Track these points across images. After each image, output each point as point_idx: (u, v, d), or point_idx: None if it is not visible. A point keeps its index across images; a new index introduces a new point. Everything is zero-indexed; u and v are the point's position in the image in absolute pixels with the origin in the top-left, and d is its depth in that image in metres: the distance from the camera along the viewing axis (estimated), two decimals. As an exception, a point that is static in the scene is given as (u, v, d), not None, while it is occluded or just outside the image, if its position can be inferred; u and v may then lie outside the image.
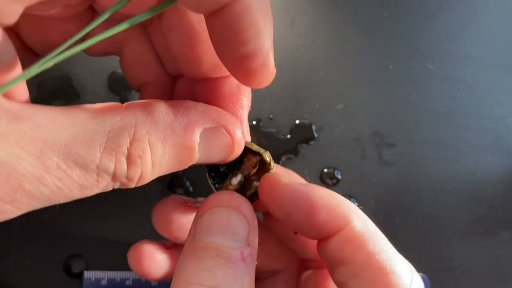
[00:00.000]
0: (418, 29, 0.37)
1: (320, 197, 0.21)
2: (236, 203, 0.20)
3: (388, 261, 0.20)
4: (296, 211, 0.21)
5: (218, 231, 0.19)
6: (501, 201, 0.35)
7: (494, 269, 0.35)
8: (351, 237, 0.20)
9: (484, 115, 0.36)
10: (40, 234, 0.33)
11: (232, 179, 0.24)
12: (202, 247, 0.19)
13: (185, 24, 0.21)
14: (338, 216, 0.21)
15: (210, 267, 0.18)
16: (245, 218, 0.20)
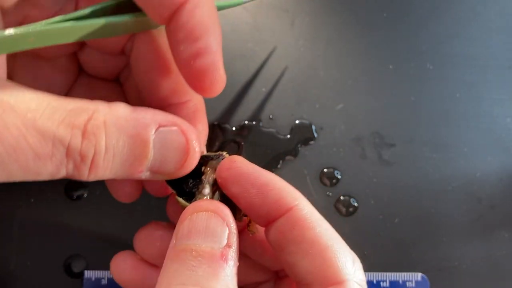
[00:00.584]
0: (418, 29, 0.37)
1: (273, 178, 0.22)
2: (214, 207, 0.21)
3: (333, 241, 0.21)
4: (251, 186, 0.22)
5: (198, 234, 0.20)
6: (501, 201, 0.35)
7: (493, 269, 0.35)
8: (301, 217, 0.21)
9: (484, 115, 0.36)
10: (40, 234, 0.33)
11: (202, 190, 0.24)
12: (183, 249, 0.19)
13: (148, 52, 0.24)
14: (288, 196, 0.22)
15: (192, 267, 0.19)
16: (224, 220, 0.20)
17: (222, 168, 0.23)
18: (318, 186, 0.35)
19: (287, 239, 0.21)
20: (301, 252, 0.21)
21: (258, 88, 0.36)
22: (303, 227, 0.21)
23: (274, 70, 0.36)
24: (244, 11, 0.37)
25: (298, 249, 0.21)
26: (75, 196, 0.34)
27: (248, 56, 0.36)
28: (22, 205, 0.33)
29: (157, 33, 0.24)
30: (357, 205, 0.35)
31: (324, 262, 0.20)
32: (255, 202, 0.22)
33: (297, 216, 0.21)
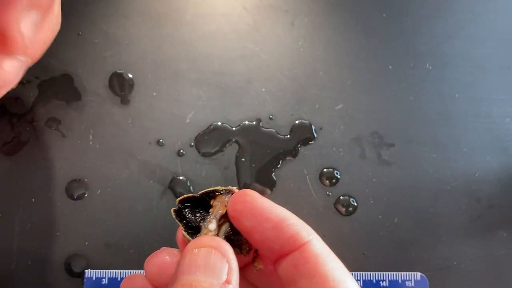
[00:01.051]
0: (417, 29, 0.37)
1: (288, 213, 0.22)
2: (215, 243, 0.21)
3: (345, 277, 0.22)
4: (266, 221, 0.22)
5: (198, 269, 0.20)
6: (500, 201, 0.35)
7: (492, 269, 0.35)
8: (315, 252, 0.22)
9: (482, 115, 0.36)
10: (41, 233, 0.33)
11: (208, 225, 0.24)
12: (183, 284, 0.20)
13: None
14: (303, 231, 0.22)
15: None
16: (224, 257, 0.21)
17: (236, 201, 0.23)
18: (318, 186, 0.35)
19: (299, 273, 0.21)
20: (313, 286, 0.21)
21: (258, 88, 0.36)
22: (317, 262, 0.21)
23: (274, 70, 0.36)
24: (244, 11, 0.37)
25: (310, 283, 0.21)
26: (76, 196, 0.34)
27: (248, 56, 0.36)
28: (23, 205, 0.33)
29: None
30: (357, 205, 0.35)
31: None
32: (270, 236, 0.22)
33: (311, 251, 0.22)
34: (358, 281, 0.33)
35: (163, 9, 0.36)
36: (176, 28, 0.36)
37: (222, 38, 0.36)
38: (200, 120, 0.35)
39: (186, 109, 0.35)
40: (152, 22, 0.36)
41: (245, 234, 0.23)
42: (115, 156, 0.34)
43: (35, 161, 0.34)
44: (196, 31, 0.36)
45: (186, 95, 0.35)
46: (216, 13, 0.36)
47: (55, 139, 0.34)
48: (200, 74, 0.35)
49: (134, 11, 0.36)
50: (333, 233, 0.34)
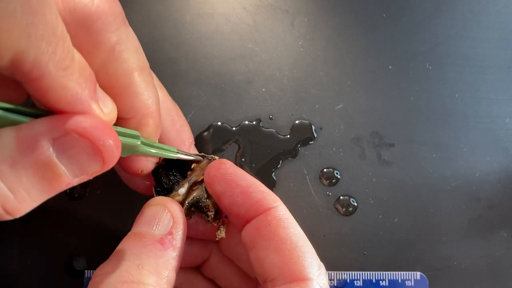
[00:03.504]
0: (417, 29, 0.37)
1: (256, 181, 0.24)
2: (165, 202, 0.24)
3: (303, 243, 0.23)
4: (236, 186, 0.24)
5: (145, 222, 0.23)
6: (500, 201, 0.35)
7: (492, 269, 0.35)
8: (277, 216, 0.23)
9: (482, 115, 0.36)
10: (41, 233, 0.33)
11: (179, 189, 0.27)
12: (129, 235, 0.23)
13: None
14: (269, 197, 0.24)
15: (130, 247, 0.22)
16: (170, 213, 0.24)
17: (212, 168, 0.25)
18: (317, 186, 0.35)
19: (261, 234, 0.23)
20: (271, 247, 0.23)
21: (258, 88, 0.36)
22: (278, 225, 0.23)
23: (274, 70, 0.36)
24: (244, 12, 0.37)
25: (269, 244, 0.23)
26: (76, 195, 0.34)
27: (248, 56, 0.36)
28: (22, 205, 0.33)
29: None
30: (357, 205, 0.35)
31: (291, 259, 0.22)
32: (238, 201, 0.24)
33: (274, 216, 0.23)
34: (357, 280, 0.33)
35: (163, 9, 0.36)
36: (176, 28, 0.36)
37: (222, 38, 0.36)
38: (200, 120, 0.35)
39: (186, 109, 0.35)
40: (152, 22, 0.36)
41: (216, 198, 0.25)
42: (115, 156, 0.34)
43: (35, 161, 0.34)
44: (196, 31, 0.36)
45: (186, 95, 0.35)
46: (216, 13, 0.36)
47: (55, 139, 0.34)
48: (200, 74, 0.35)
49: (134, 11, 0.36)
50: (333, 233, 0.34)
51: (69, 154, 0.18)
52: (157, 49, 0.35)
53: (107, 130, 0.19)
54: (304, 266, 0.22)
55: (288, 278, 0.22)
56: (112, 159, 0.19)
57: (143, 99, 0.23)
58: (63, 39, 0.17)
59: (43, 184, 0.18)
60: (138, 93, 0.23)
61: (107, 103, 0.21)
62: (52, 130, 0.18)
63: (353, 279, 0.33)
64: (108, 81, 0.21)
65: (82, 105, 0.19)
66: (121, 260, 0.21)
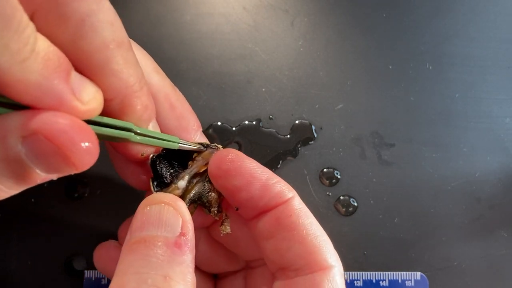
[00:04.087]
0: (417, 29, 0.37)
1: (271, 173, 0.24)
2: (168, 199, 0.21)
3: (321, 231, 0.24)
4: (254, 180, 0.23)
5: (151, 225, 0.20)
6: (500, 201, 0.35)
7: (492, 269, 0.35)
8: (296, 207, 0.23)
9: (483, 115, 0.36)
10: (40, 233, 0.33)
11: (178, 182, 0.24)
12: (136, 241, 0.20)
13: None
14: (286, 188, 0.23)
15: (145, 256, 0.19)
16: (177, 212, 0.21)
17: (222, 160, 0.23)
18: (318, 186, 0.35)
19: (281, 225, 0.23)
20: (294, 238, 0.23)
21: (258, 88, 0.36)
22: (299, 216, 0.23)
23: (274, 70, 0.36)
24: (244, 12, 0.37)
25: (292, 235, 0.23)
26: (76, 195, 0.34)
27: (248, 56, 0.36)
28: (22, 205, 0.33)
29: None
30: (357, 205, 0.35)
31: (315, 249, 0.22)
32: (256, 194, 0.23)
33: (294, 206, 0.23)
34: (357, 280, 0.33)
35: (162, 9, 0.36)
36: (176, 28, 0.36)
37: (222, 38, 0.36)
38: (200, 120, 0.35)
39: (186, 109, 0.35)
40: (151, 22, 0.36)
41: (227, 193, 0.24)
42: (115, 156, 0.34)
43: (35, 161, 0.34)
44: (196, 31, 0.36)
45: (186, 95, 0.35)
46: (216, 13, 0.36)
47: (55, 139, 0.34)
48: (200, 74, 0.35)
49: (134, 11, 0.36)
50: (333, 233, 0.34)
51: (37, 154, 0.17)
52: (157, 49, 0.35)
53: (78, 131, 0.17)
54: (326, 255, 0.22)
55: (314, 267, 0.22)
56: (86, 164, 0.18)
57: (123, 77, 0.20)
58: (21, 30, 0.16)
59: (15, 178, 0.18)
60: (116, 71, 0.20)
61: (88, 89, 0.19)
62: (21, 127, 0.17)
63: (353, 279, 0.33)
64: (82, 59, 0.19)
65: (51, 98, 0.17)
66: (140, 273, 0.18)
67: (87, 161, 0.18)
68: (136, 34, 0.36)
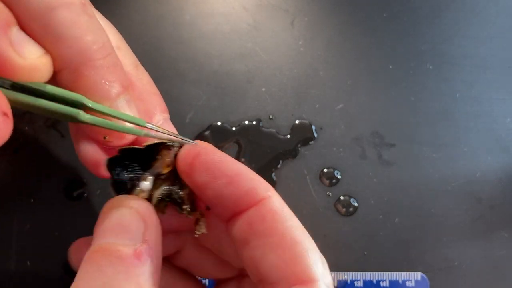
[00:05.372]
0: (417, 29, 0.37)
1: (245, 168, 0.20)
2: (129, 202, 0.19)
3: (304, 238, 0.19)
4: (222, 175, 0.20)
5: (110, 231, 0.18)
6: (501, 201, 0.35)
7: (493, 269, 0.35)
8: (272, 209, 0.20)
9: (483, 115, 0.36)
10: (40, 233, 0.33)
11: (141, 184, 0.21)
12: (95, 251, 0.18)
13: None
14: (261, 186, 0.20)
15: (100, 267, 0.17)
16: (139, 215, 0.19)
17: (187, 154, 0.21)
18: (318, 186, 0.35)
19: (255, 231, 0.20)
20: (269, 246, 0.19)
21: (258, 88, 0.36)
22: (275, 220, 0.20)
23: (274, 70, 0.36)
24: (244, 11, 0.37)
25: (266, 242, 0.19)
26: (75, 195, 0.34)
27: (248, 56, 0.36)
28: (21, 205, 0.33)
29: None
30: (357, 205, 0.35)
31: (293, 258, 0.19)
32: (224, 193, 0.20)
33: (269, 208, 0.20)
34: (358, 281, 0.33)
35: (162, 9, 0.36)
36: (175, 27, 0.36)
37: (221, 37, 0.36)
38: (200, 120, 0.35)
39: (186, 109, 0.35)
40: (151, 22, 0.36)
41: (196, 190, 0.21)
42: (115, 156, 0.34)
43: (34, 161, 0.34)
44: (195, 31, 0.36)
45: (186, 95, 0.35)
46: (215, 13, 0.36)
47: (54, 139, 0.34)
48: (200, 74, 0.35)
49: (133, 10, 0.36)
50: (333, 233, 0.34)
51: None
52: (157, 48, 0.35)
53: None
54: (308, 265, 0.19)
55: (291, 280, 0.19)
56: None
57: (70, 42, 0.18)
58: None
59: None
60: (61, 34, 0.18)
61: (32, 47, 0.17)
62: None
63: (353, 279, 0.33)
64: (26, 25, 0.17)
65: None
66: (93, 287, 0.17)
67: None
68: (136, 34, 0.36)
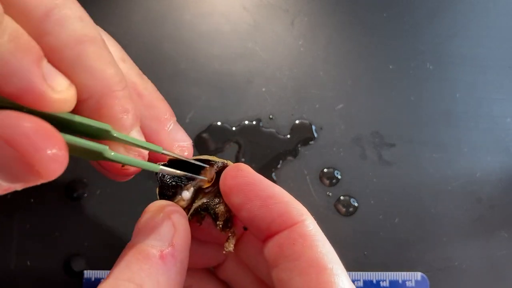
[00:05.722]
0: (417, 29, 0.37)
1: (280, 191, 0.21)
2: (165, 208, 0.21)
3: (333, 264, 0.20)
4: (255, 198, 0.21)
5: (142, 232, 0.20)
6: (501, 201, 0.35)
7: (493, 269, 0.35)
8: (304, 233, 0.20)
9: (483, 115, 0.36)
10: (40, 233, 0.33)
11: (182, 193, 0.23)
12: (128, 247, 0.20)
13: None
14: (294, 211, 0.21)
15: (129, 263, 0.19)
16: (170, 220, 0.21)
17: (228, 176, 0.22)
18: (318, 186, 0.35)
19: (285, 254, 0.20)
20: (297, 269, 0.20)
21: (258, 88, 0.36)
22: (304, 244, 0.20)
23: (274, 70, 0.36)
24: (244, 11, 0.37)
25: (294, 266, 0.20)
26: (75, 196, 0.34)
27: (248, 56, 0.36)
28: (22, 205, 0.33)
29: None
30: (357, 205, 0.35)
31: (319, 284, 0.19)
32: (257, 215, 0.21)
33: (300, 232, 0.20)
34: (358, 281, 0.33)
35: (162, 9, 0.36)
36: (175, 27, 0.36)
37: (222, 37, 0.36)
38: (200, 120, 0.35)
39: (186, 109, 0.35)
40: (151, 22, 0.36)
41: (234, 211, 0.22)
42: (115, 156, 0.34)
43: (35, 161, 0.34)
44: (195, 31, 0.36)
45: (186, 95, 0.35)
46: (215, 13, 0.36)
47: (54, 139, 0.34)
48: (200, 74, 0.35)
49: (133, 10, 0.36)
50: (334, 233, 0.34)
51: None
52: (157, 48, 0.35)
53: (43, 136, 0.15)
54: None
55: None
56: (52, 172, 0.16)
57: (98, 75, 0.19)
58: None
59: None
60: (89, 67, 0.19)
61: (60, 80, 0.18)
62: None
63: (353, 279, 0.33)
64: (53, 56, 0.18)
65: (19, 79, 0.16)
66: (119, 279, 0.19)
67: (54, 170, 0.16)
68: (136, 34, 0.36)
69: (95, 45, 0.19)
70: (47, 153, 0.15)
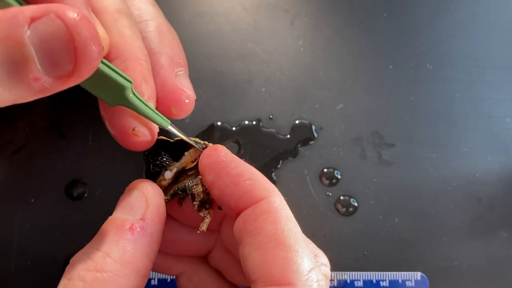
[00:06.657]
0: (417, 29, 0.37)
1: (249, 169, 0.22)
2: (141, 185, 0.23)
3: (294, 241, 0.20)
4: (226, 175, 0.22)
5: (120, 206, 0.23)
6: (500, 201, 0.35)
7: (493, 269, 0.35)
8: (267, 209, 0.21)
9: (483, 115, 0.36)
10: (40, 233, 0.33)
11: (165, 173, 0.25)
12: (108, 220, 0.22)
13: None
14: (261, 188, 0.21)
15: (102, 234, 0.21)
16: (144, 196, 0.23)
17: (203, 155, 0.23)
18: (318, 186, 0.35)
19: (247, 229, 0.20)
20: (256, 244, 0.20)
21: (258, 88, 0.36)
22: (266, 220, 0.20)
23: (274, 70, 0.36)
24: (244, 11, 0.37)
25: (253, 241, 0.20)
26: (75, 195, 0.34)
27: (248, 56, 0.36)
28: (22, 205, 0.33)
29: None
30: (357, 205, 0.35)
31: (274, 259, 0.19)
32: (227, 192, 0.22)
33: (264, 208, 0.21)
34: (357, 281, 0.33)
35: (161, 9, 0.36)
36: (175, 27, 0.36)
37: (221, 37, 0.36)
38: (200, 120, 0.35)
39: (186, 109, 0.35)
40: (151, 22, 0.36)
41: (208, 189, 0.23)
42: (115, 156, 0.34)
43: (35, 161, 0.34)
44: (195, 31, 0.36)
45: (186, 95, 0.35)
46: (215, 13, 0.36)
47: (54, 139, 0.34)
48: (200, 74, 0.35)
49: (134, 11, 0.36)
50: (333, 233, 0.34)
51: (42, 37, 0.17)
52: (157, 49, 0.35)
53: (90, 26, 0.17)
54: (289, 268, 0.19)
55: (267, 280, 0.19)
56: (86, 66, 0.17)
57: (127, 39, 0.23)
58: None
59: (10, 65, 0.17)
60: (123, 33, 0.23)
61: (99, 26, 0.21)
62: (33, 9, 0.17)
63: (353, 279, 0.33)
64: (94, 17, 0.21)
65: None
66: (93, 248, 0.21)
67: (88, 64, 0.17)
68: (136, 34, 0.36)
69: (129, 19, 0.23)
70: (89, 41, 0.17)
